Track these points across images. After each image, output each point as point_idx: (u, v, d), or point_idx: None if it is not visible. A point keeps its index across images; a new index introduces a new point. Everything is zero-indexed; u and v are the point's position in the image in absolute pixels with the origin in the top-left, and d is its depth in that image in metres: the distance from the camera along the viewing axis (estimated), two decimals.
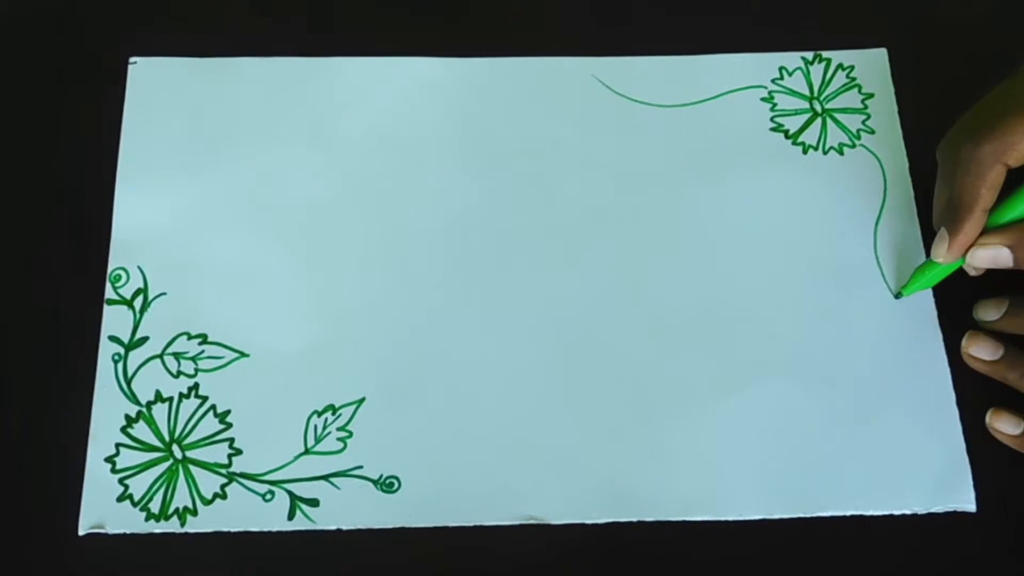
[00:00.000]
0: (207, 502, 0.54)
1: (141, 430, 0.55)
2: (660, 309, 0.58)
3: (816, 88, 0.65)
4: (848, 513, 0.54)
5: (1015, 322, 0.56)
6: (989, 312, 0.57)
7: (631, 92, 0.64)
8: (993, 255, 0.54)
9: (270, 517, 0.53)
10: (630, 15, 0.66)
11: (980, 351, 0.56)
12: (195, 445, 0.55)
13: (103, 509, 0.53)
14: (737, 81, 0.64)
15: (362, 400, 0.56)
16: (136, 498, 0.53)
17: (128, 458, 0.54)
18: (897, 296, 0.59)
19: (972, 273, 0.57)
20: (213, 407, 0.55)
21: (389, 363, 0.57)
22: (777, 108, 0.64)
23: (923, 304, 0.59)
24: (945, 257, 0.55)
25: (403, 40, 0.65)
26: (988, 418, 0.56)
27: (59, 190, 0.61)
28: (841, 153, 0.63)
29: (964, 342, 0.57)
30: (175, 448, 0.55)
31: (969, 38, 0.59)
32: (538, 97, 0.63)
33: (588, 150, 0.62)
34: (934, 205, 0.57)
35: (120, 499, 0.53)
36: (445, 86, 0.64)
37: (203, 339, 0.57)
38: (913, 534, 0.54)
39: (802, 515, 0.54)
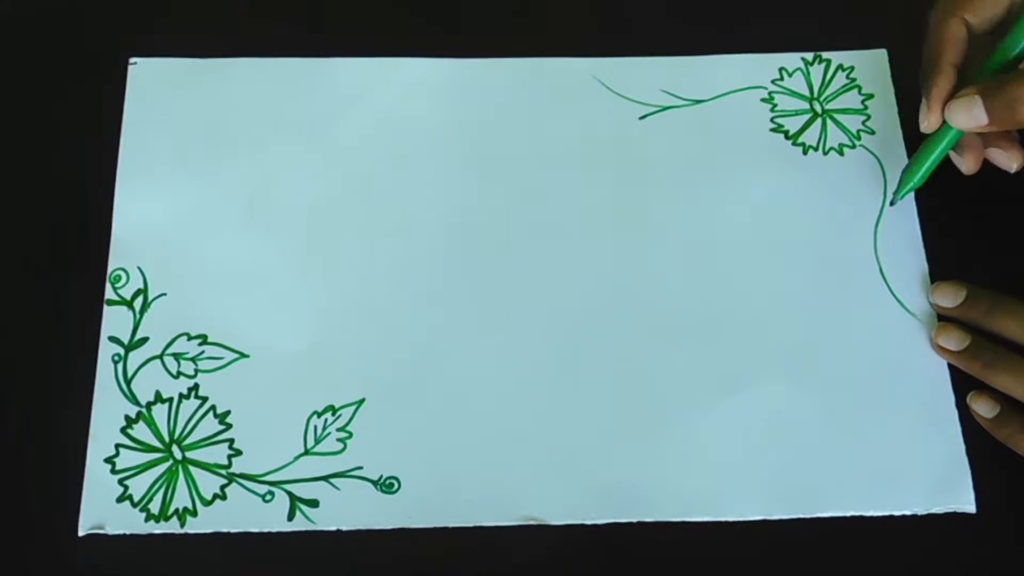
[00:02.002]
0: (207, 503, 0.54)
1: (141, 431, 0.55)
2: (660, 310, 0.58)
3: (816, 89, 0.65)
4: (848, 514, 0.54)
5: (970, 313, 0.57)
6: (946, 298, 0.58)
7: (631, 93, 0.64)
8: (967, 107, 0.54)
9: (270, 518, 0.53)
10: (630, 16, 0.66)
11: (947, 341, 0.57)
12: (195, 446, 0.55)
13: (103, 510, 0.53)
14: (737, 82, 0.64)
15: (362, 401, 0.56)
16: (136, 499, 0.53)
17: (128, 459, 0.54)
18: (892, 203, 0.59)
19: (964, 166, 0.58)
20: (213, 408, 0.55)
21: (389, 364, 0.57)
22: (777, 109, 0.64)
23: (923, 304, 0.59)
24: (926, 120, 0.56)
25: (402, 40, 0.65)
26: (968, 399, 0.56)
27: (59, 190, 0.61)
28: (841, 154, 0.63)
29: (934, 332, 0.58)
30: (175, 449, 0.55)
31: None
32: (538, 97, 0.63)
33: (588, 150, 0.62)
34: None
35: (120, 500, 0.53)
36: (445, 86, 0.64)
37: (203, 340, 0.57)
38: (913, 534, 0.54)
39: (802, 516, 0.54)
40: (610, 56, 0.65)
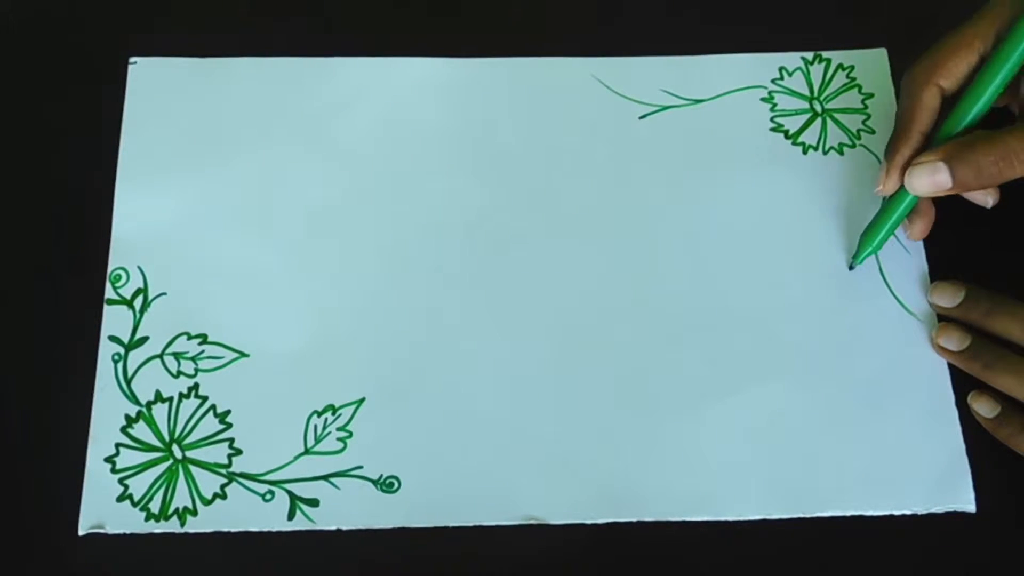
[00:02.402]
0: (207, 502, 0.54)
1: (141, 430, 0.55)
2: (660, 309, 0.58)
3: (816, 88, 0.65)
4: (848, 513, 0.54)
5: (969, 313, 0.57)
6: (945, 298, 0.58)
7: (631, 92, 0.64)
8: (930, 172, 0.54)
9: (270, 517, 0.53)
10: (630, 15, 0.66)
11: (948, 341, 0.57)
12: (195, 445, 0.55)
13: (103, 509, 0.53)
14: (737, 81, 0.64)
15: (362, 400, 0.56)
16: (136, 498, 0.53)
17: (128, 458, 0.54)
18: (851, 267, 0.59)
19: (911, 232, 0.58)
20: (213, 407, 0.55)
21: (389, 363, 0.57)
22: (777, 108, 0.64)
23: (923, 304, 0.59)
24: (883, 184, 0.56)
25: (403, 40, 0.65)
26: (969, 399, 0.56)
27: (59, 190, 0.61)
28: (841, 153, 0.63)
29: (934, 332, 0.58)
30: (175, 448, 0.55)
31: None
32: (538, 97, 0.63)
33: (588, 150, 0.62)
34: None
35: (120, 499, 0.53)
36: (445, 86, 0.64)
37: (203, 339, 0.57)
38: (913, 534, 0.54)
39: (802, 515, 0.54)
40: (610, 56, 0.65)
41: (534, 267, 0.59)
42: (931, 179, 0.54)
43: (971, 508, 0.55)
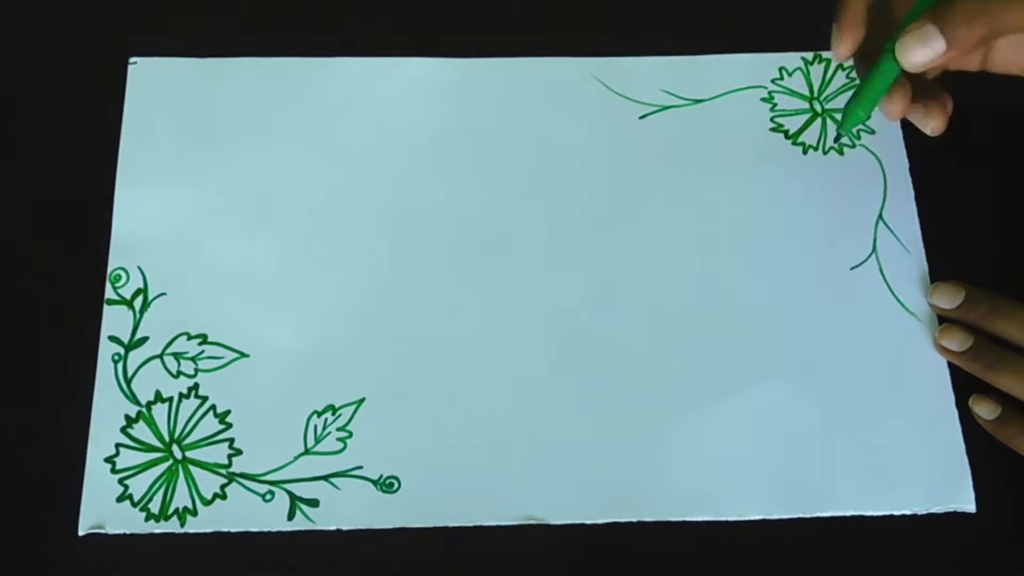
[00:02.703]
0: (207, 502, 0.54)
1: (141, 430, 0.55)
2: (660, 309, 0.58)
3: (816, 88, 0.65)
4: (848, 513, 0.54)
5: (969, 314, 0.57)
6: (944, 299, 0.58)
7: (631, 92, 0.64)
8: (921, 38, 0.49)
9: (270, 517, 0.53)
10: (630, 16, 0.66)
11: (950, 342, 0.57)
12: (195, 445, 0.55)
13: (103, 509, 0.53)
14: (737, 81, 0.64)
15: (362, 400, 0.56)
16: (136, 498, 0.53)
17: (128, 458, 0.54)
18: (837, 139, 0.58)
19: (892, 113, 0.53)
20: (213, 407, 0.55)
21: (389, 363, 0.57)
22: (777, 108, 0.64)
23: (923, 304, 0.59)
24: (834, 51, 0.52)
25: (403, 40, 0.65)
26: (970, 402, 0.56)
27: (59, 190, 0.61)
28: (841, 153, 0.63)
29: (937, 333, 0.58)
30: (175, 448, 0.55)
31: None
32: (538, 97, 0.63)
33: (588, 150, 0.62)
34: None
35: (120, 499, 0.53)
36: (445, 86, 0.64)
37: (203, 339, 0.57)
38: (913, 534, 0.54)
39: (802, 515, 0.54)
40: (610, 56, 0.65)
41: (534, 267, 0.59)
42: (924, 46, 0.49)
43: (971, 508, 0.55)
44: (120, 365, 0.56)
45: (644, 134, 0.63)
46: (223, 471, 0.54)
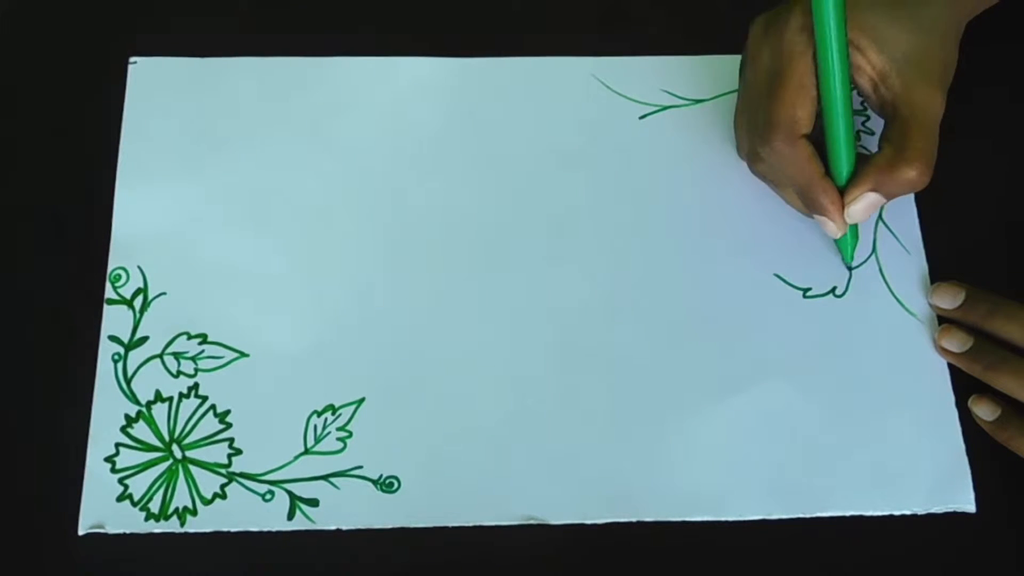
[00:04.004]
0: (207, 502, 0.54)
1: (141, 430, 0.55)
2: (660, 309, 0.58)
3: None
4: (848, 514, 0.54)
5: (969, 315, 0.57)
6: (945, 299, 0.58)
7: (631, 92, 0.64)
8: (866, 205, 0.55)
9: (270, 517, 0.53)
10: (630, 15, 0.66)
11: (950, 343, 0.57)
12: (195, 445, 0.55)
13: (103, 509, 0.53)
14: (737, 81, 0.64)
15: (362, 400, 0.56)
16: (136, 498, 0.53)
17: (128, 458, 0.54)
18: (849, 268, 0.60)
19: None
20: (213, 407, 0.55)
21: (389, 363, 0.57)
22: None
23: (923, 305, 0.59)
24: (838, 231, 0.57)
25: (403, 40, 0.65)
26: (970, 403, 0.56)
27: (59, 190, 0.61)
28: None
29: (937, 333, 0.58)
30: (175, 448, 0.55)
31: (969, 38, 0.59)
32: (538, 97, 0.63)
33: (588, 150, 0.62)
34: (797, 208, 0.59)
35: (120, 499, 0.53)
36: (445, 86, 0.64)
37: (203, 339, 0.57)
38: (913, 534, 0.54)
39: (802, 515, 0.54)
40: (610, 56, 0.65)
41: (534, 267, 0.59)
42: (868, 205, 0.55)
43: (971, 508, 0.55)
44: (120, 365, 0.56)
45: (644, 134, 0.63)
46: (223, 471, 0.54)
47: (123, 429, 0.55)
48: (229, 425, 0.55)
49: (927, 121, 0.54)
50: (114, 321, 0.57)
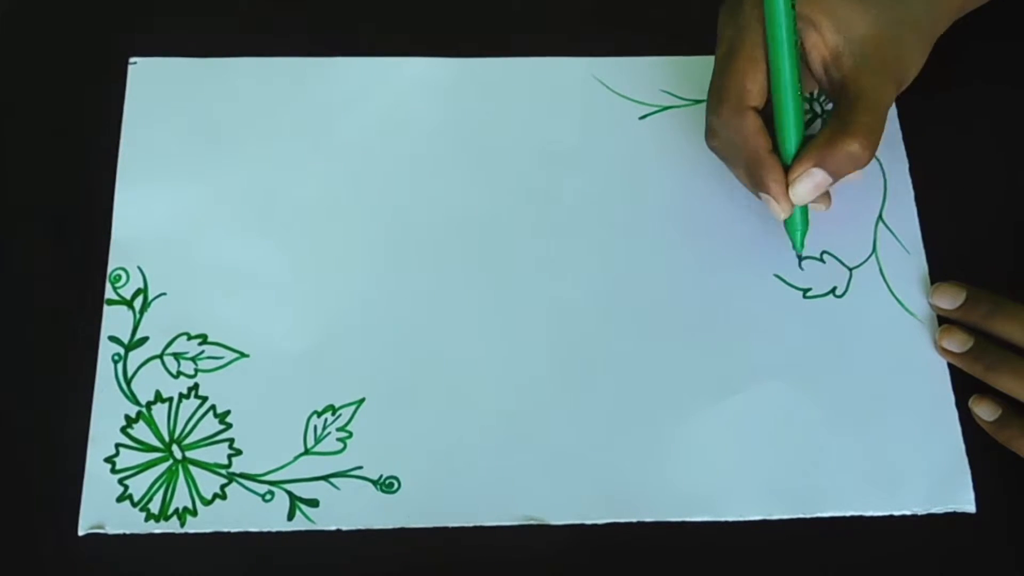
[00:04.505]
0: (207, 502, 0.54)
1: (141, 430, 0.55)
2: (660, 309, 0.58)
3: (816, 89, 0.64)
4: (848, 514, 0.54)
5: (970, 315, 0.57)
6: (945, 299, 0.58)
7: (631, 92, 0.64)
8: (810, 183, 0.55)
9: (270, 517, 0.53)
10: (630, 15, 0.66)
11: (951, 343, 0.57)
12: (195, 445, 0.55)
13: (103, 509, 0.53)
14: None
15: (362, 401, 0.56)
16: (136, 498, 0.53)
17: (128, 458, 0.54)
18: (799, 256, 0.59)
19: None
20: (213, 407, 0.55)
21: (389, 364, 0.57)
22: None
23: (923, 305, 0.59)
24: (782, 212, 0.56)
25: (403, 40, 0.65)
26: (970, 403, 0.56)
27: (59, 190, 0.61)
28: None
29: (937, 334, 0.58)
30: (175, 448, 0.55)
31: (969, 35, 0.59)
32: (538, 97, 0.63)
33: (588, 150, 0.62)
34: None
35: (120, 499, 0.53)
36: (445, 86, 0.64)
37: (203, 339, 0.57)
38: (913, 534, 0.54)
39: (802, 516, 0.54)
40: (610, 56, 0.65)
41: (534, 268, 0.59)
42: (813, 185, 0.55)
43: (971, 508, 0.55)
44: (120, 365, 0.56)
45: (644, 134, 0.63)
46: (223, 471, 0.54)
47: (123, 429, 0.55)
48: (229, 425, 0.55)
49: (875, 102, 0.54)
50: (114, 321, 0.57)
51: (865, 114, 0.54)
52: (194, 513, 0.53)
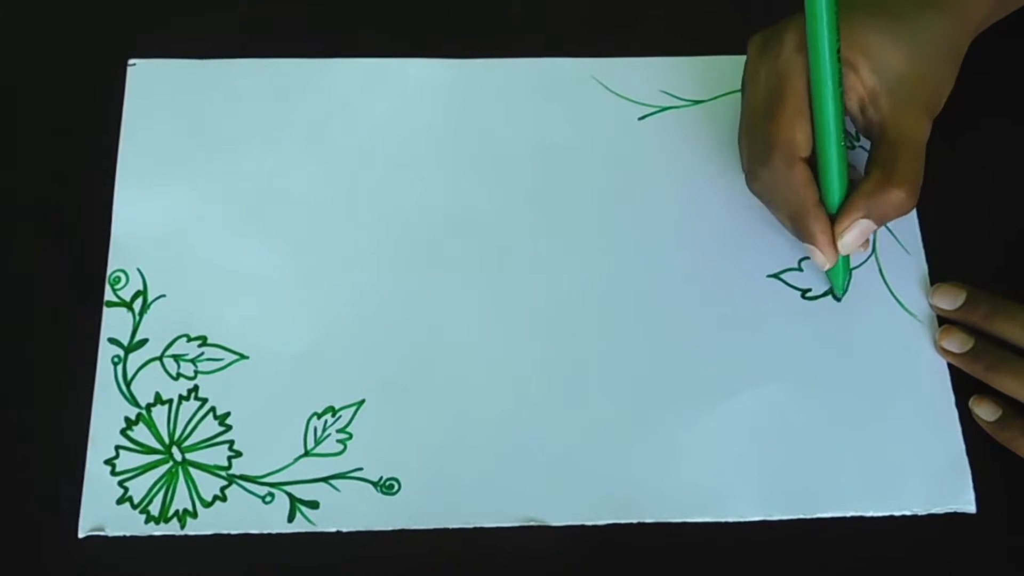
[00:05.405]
0: (207, 504, 0.54)
1: (141, 432, 0.55)
2: (660, 311, 0.58)
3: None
4: (848, 514, 0.54)
5: (970, 316, 0.57)
6: (945, 300, 0.58)
7: (630, 93, 0.64)
8: (858, 233, 0.55)
9: (270, 519, 0.53)
10: (630, 16, 0.66)
11: (951, 343, 0.57)
12: (195, 447, 0.55)
13: (103, 511, 0.53)
14: (737, 82, 0.63)
15: (362, 402, 0.56)
16: (136, 500, 0.53)
17: (128, 460, 0.54)
18: (838, 299, 0.59)
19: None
20: (213, 409, 0.55)
21: (389, 365, 0.57)
22: None
23: (923, 305, 0.59)
24: (828, 263, 0.56)
25: (403, 40, 0.65)
26: (970, 403, 0.56)
27: (59, 190, 0.61)
28: None
29: (937, 334, 0.58)
30: (175, 450, 0.55)
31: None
32: (537, 98, 0.63)
33: (587, 151, 0.62)
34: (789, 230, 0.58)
35: (120, 501, 0.53)
36: (445, 86, 0.64)
37: (203, 341, 0.57)
38: (913, 535, 0.54)
39: (802, 516, 0.54)
40: (610, 56, 0.64)
41: (534, 269, 0.59)
42: (860, 234, 0.55)
43: (971, 509, 0.55)
44: (120, 367, 0.56)
45: (643, 135, 0.63)
46: (223, 473, 0.54)
47: (123, 432, 0.55)
48: (229, 427, 0.55)
49: (914, 145, 0.54)
50: (114, 323, 0.57)
51: (907, 162, 0.54)
52: (194, 515, 0.53)
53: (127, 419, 0.55)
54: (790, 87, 0.54)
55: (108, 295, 0.58)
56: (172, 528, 0.53)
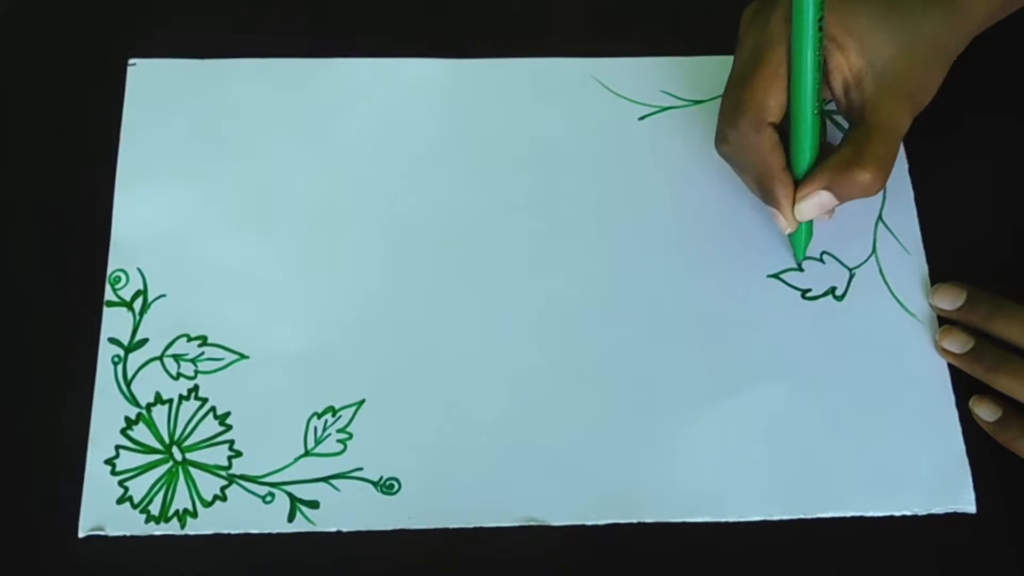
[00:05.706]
0: (207, 504, 0.54)
1: (141, 432, 0.55)
2: (660, 310, 0.58)
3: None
4: (848, 514, 0.54)
5: (970, 316, 0.57)
6: (945, 300, 0.58)
7: (630, 93, 0.64)
8: (816, 203, 0.55)
9: (270, 519, 0.53)
10: (630, 16, 0.66)
11: (951, 344, 0.57)
12: (195, 447, 0.55)
13: (103, 511, 0.53)
14: None
15: (362, 402, 0.56)
16: (136, 500, 0.53)
17: (128, 460, 0.54)
18: (799, 266, 0.59)
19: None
20: (213, 409, 0.55)
21: (389, 365, 0.57)
22: None
23: (923, 305, 0.59)
24: (789, 228, 0.57)
25: (403, 40, 0.65)
26: (971, 403, 0.56)
27: (59, 190, 0.61)
28: None
29: (938, 334, 0.58)
30: (175, 450, 0.55)
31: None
32: (537, 98, 0.63)
33: (587, 151, 0.62)
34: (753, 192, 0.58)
35: (120, 501, 0.53)
36: (445, 86, 0.64)
37: (203, 341, 0.57)
38: (913, 535, 0.54)
39: (802, 516, 0.54)
40: (610, 56, 0.64)
41: (534, 268, 0.59)
42: (819, 205, 0.55)
43: (971, 509, 0.55)
44: (120, 367, 0.56)
45: (643, 135, 0.63)
46: (223, 473, 0.54)
47: (123, 431, 0.55)
48: (229, 427, 0.55)
49: (891, 132, 0.55)
50: (114, 323, 0.57)
51: (881, 145, 0.54)
52: (194, 515, 0.53)
53: (127, 419, 0.55)
54: (771, 52, 0.54)
55: (108, 295, 0.58)
56: (172, 528, 0.53)
